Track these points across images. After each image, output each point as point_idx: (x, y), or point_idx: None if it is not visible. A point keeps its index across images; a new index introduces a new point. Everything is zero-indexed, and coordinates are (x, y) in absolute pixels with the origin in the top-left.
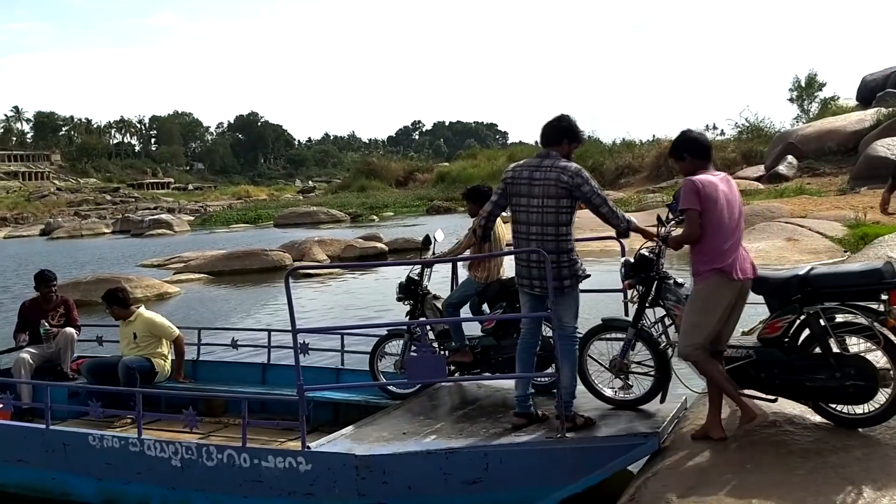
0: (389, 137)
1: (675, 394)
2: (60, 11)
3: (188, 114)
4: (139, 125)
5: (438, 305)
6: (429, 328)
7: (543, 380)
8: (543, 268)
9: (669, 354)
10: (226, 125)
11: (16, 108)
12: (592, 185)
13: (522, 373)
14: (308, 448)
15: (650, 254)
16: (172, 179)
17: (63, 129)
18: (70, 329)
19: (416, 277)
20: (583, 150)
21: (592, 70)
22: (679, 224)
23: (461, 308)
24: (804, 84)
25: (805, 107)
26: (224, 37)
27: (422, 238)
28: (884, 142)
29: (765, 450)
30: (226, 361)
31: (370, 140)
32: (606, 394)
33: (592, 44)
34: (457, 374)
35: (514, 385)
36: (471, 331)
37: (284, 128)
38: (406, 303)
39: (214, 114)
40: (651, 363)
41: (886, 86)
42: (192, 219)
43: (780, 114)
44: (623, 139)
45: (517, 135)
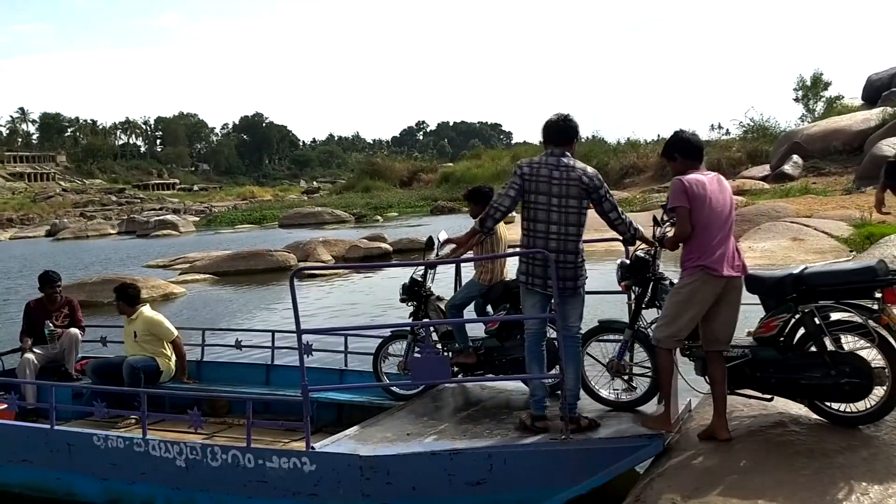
0: (394, 138)
1: (680, 395)
2: (64, 13)
3: (193, 115)
4: (144, 126)
5: (441, 307)
6: (432, 329)
7: (547, 381)
8: (563, 267)
9: None
10: (231, 126)
11: (21, 110)
12: (608, 189)
13: (537, 373)
14: (312, 448)
15: (646, 255)
16: (178, 180)
17: (68, 131)
18: (74, 330)
19: (420, 279)
20: (587, 150)
21: (597, 70)
22: (673, 224)
23: (464, 309)
24: (809, 83)
25: (810, 106)
26: (228, 38)
27: (425, 239)
28: (889, 141)
29: (770, 450)
30: (230, 362)
31: (374, 140)
32: (603, 395)
33: (596, 43)
34: (460, 376)
35: (530, 388)
36: (474, 332)
37: (289, 128)
38: (409, 304)
39: (219, 115)
40: (648, 364)
41: (892, 85)
42: (198, 219)
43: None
44: (628, 139)
45: (521, 135)
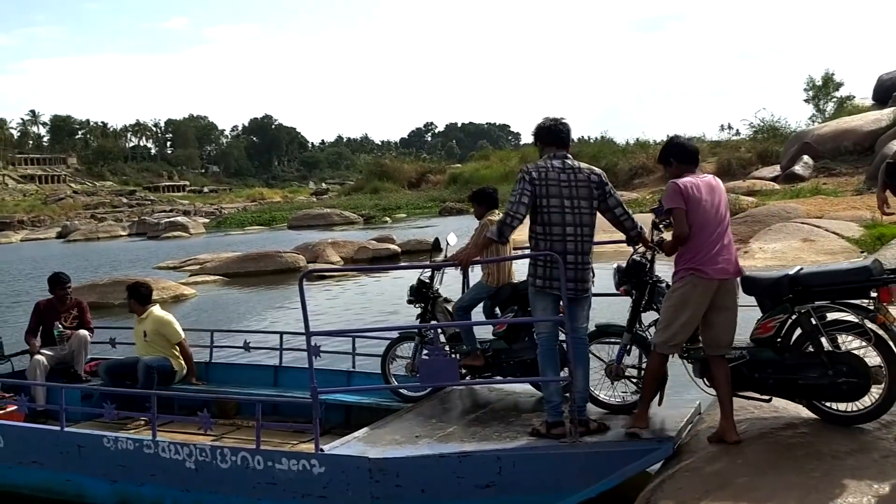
0: (402, 139)
1: (689, 397)
2: (75, 16)
3: (203, 117)
4: (155, 128)
5: (449, 308)
6: (440, 331)
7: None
8: (574, 269)
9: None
10: (240, 128)
11: (32, 112)
12: (611, 185)
13: (551, 376)
14: (321, 451)
15: (641, 259)
16: (188, 182)
17: (79, 133)
18: (83, 331)
19: (428, 280)
20: (596, 151)
21: (605, 70)
22: (668, 227)
23: (472, 311)
24: (820, 83)
25: (821, 106)
26: (237, 40)
27: (432, 241)
28: None
29: (780, 452)
30: (238, 364)
31: (383, 142)
32: (602, 399)
33: (604, 44)
34: (468, 378)
35: (545, 393)
36: (481, 334)
37: (298, 130)
38: (417, 305)
39: (229, 117)
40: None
41: None
42: (208, 221)
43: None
44: (637, 139)
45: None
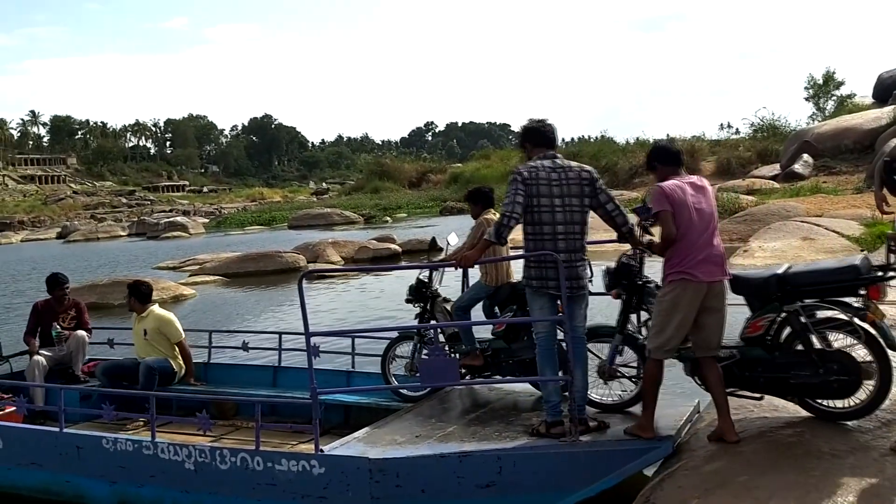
0: (402, 139)
1: (689, 396)
2: (75, 16)
3: (203, 117)
4: (154, 128)
5: (448, 308)
6: (439, 331)
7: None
8: (567, 268)
9: None
10: (240, 128)
11: (32, 113)
12: (602, 181)
13: (550, 376)
14: (321, 451)
15: (629, 261)
16: (187, 182)
17: (79, 133)
18: (81, 332)
19: (427, 280)
20: (596, 150)
21: (605, 70)
22: (653, 225)
23: (471, 310)
24: (821, 82)
25: (821, 105)
26: (237, 40)
27: (430, 240)
28: None
29: (780, 451)
30: (237, 364)
31: (383, 141)
32: (595, 398)
33: (604, 44)
34: (467, 378)
35: (545, 393)
36: (481, 334)
37: (298, 130)
38: (416, 305)
39: (229, 117)
40: (634, 365)
41: None
42: (207, 221)
43: (796, 112)
44: (637, 139)
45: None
